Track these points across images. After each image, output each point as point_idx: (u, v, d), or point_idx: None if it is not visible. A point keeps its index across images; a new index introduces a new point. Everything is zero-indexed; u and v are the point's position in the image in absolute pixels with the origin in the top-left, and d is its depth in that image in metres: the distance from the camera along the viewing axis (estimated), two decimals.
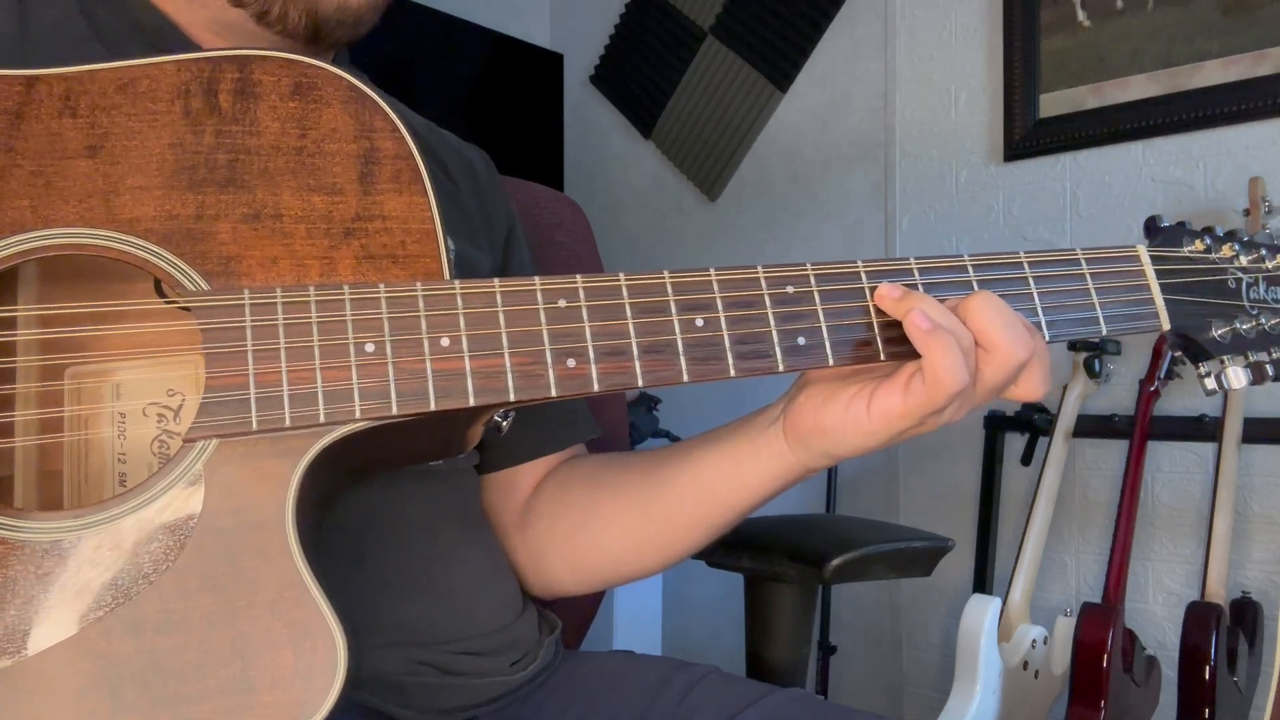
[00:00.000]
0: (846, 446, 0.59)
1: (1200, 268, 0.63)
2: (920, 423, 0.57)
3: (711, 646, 2.42)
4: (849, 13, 2.32)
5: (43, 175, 0.48)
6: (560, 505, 0.76)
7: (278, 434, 0.47)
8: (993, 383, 0.56)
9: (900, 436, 0.58)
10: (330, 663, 0.45)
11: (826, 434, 0.59)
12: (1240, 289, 0.63)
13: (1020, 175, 2.04)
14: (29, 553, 0.45)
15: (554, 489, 0.78)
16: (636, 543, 0.72)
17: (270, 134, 0.50)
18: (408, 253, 0.51)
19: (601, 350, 0.51)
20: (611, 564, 0.75)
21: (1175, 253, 0.63)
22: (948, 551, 1.01)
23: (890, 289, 0.56)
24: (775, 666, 0.96)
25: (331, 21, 0.65)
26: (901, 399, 0.55)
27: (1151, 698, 1.69)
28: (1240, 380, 0.62)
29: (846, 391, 0.58)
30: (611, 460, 0.78)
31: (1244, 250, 0.64)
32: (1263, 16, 1.74)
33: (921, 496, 2.16)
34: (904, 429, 0.57)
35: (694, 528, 0.70)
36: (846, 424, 0.58)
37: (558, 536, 0.76)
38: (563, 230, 1.02)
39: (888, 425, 0.57)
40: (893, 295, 0.56)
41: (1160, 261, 0.62)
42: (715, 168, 2.58)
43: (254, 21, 0.64)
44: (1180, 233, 0.64)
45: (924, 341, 0.54)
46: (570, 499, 0.76)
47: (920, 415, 0.56)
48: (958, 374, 0.53)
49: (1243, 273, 0.63)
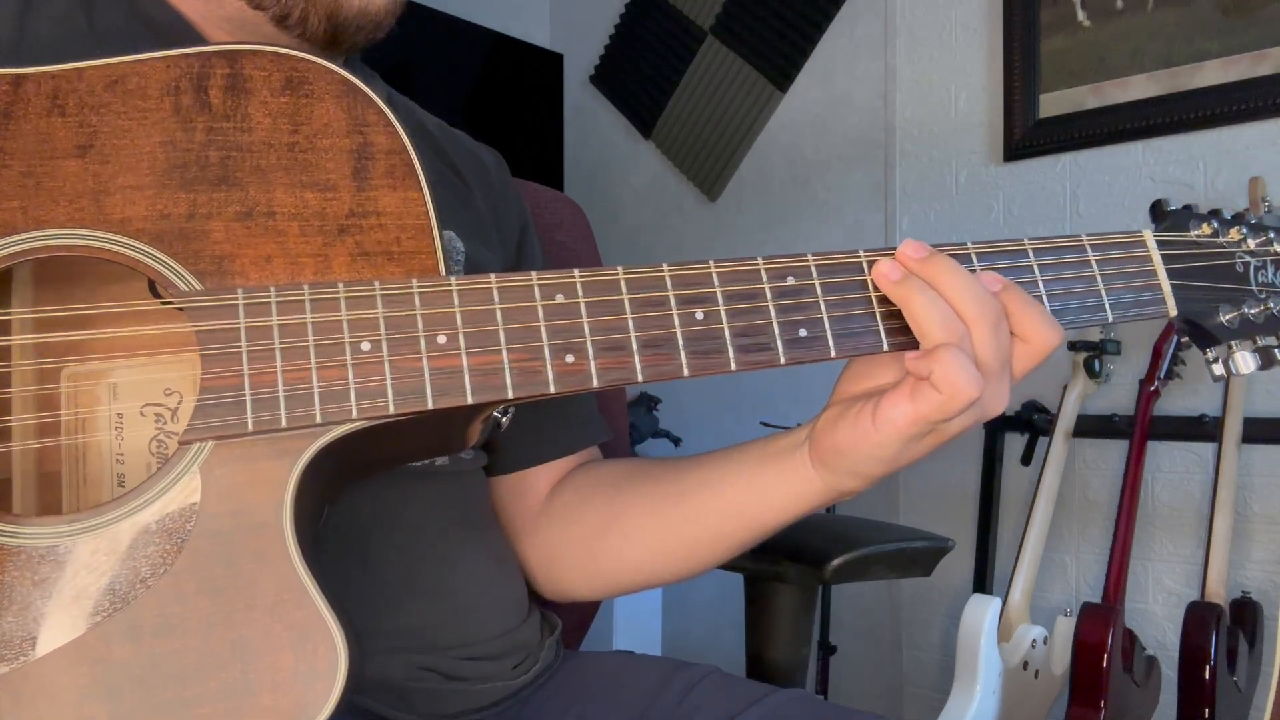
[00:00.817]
0: (866, 462, 0.58)
1: (1207, 252, 0.61)
2: (931, 432, 0.55)
3: (711, 646, 2.41)
4: (849, 13, 2.32)
5: (32, 176, 0.47)
6: (578, 511, 0.75)
7: (274, 435, 0.47)
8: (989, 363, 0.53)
9: (913, 448, 0.56)
10: (331, 665, 0.45)
11: (843, 452, 0.58)
12: (1248, 273, 0.62)
13: (1020, 175, 2.04)
14: (25, 558, 0.44)
15: (571, 494, 0.77)
16: (656, 554, 0.71)
17: (262, 130, 0.50)
18: (403, 249, 0.50)
19: (600, 345, 0.51)
20: (629, 573, 0.74)
21: (1182, 237, 0.61)
22: (948, 551, 1.01)
23: (891, 268, 0.54)
24: (775, 666, 0.96)
25: (351, 26, 0.64)
26: (910, 407, 0.54)
27: (1151, 698, 1.69)
28: (1248, 365, 0.61)
29: (856, 406, 0.57)
30: (634, 468, 0.76)
31: (1252, 233, 0.62)
32: (1263, 16, 1.74)
33: (921, 496, 2.15)
34: (914, 436, 0.55)
35: (717, 542, 0.69)
36: (856, 438, 0.57)
37: (573, 542, 0.75)
38: (563, 230, 1.02)
39: (898, 434, 0.55)
40: (891, 276, 0.54)
41: (1166, 246, 0.60)
42: (715, 168, 2.58)
43: (273, 24, 0.63)
44: (1187, 216, 0.62)
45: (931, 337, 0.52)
46: (589, 505, 0.75)
47: (931, 422, 0.54)
48: (971, 379, 0.51)
49: (1251, 256, 0.62)
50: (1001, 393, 0.55)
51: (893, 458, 0.57)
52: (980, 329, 0.53)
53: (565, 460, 0.79)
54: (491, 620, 0.71)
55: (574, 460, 0.80)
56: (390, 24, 0.67)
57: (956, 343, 0.52)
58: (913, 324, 0.53)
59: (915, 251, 0.54)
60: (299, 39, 0.63)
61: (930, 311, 0.52)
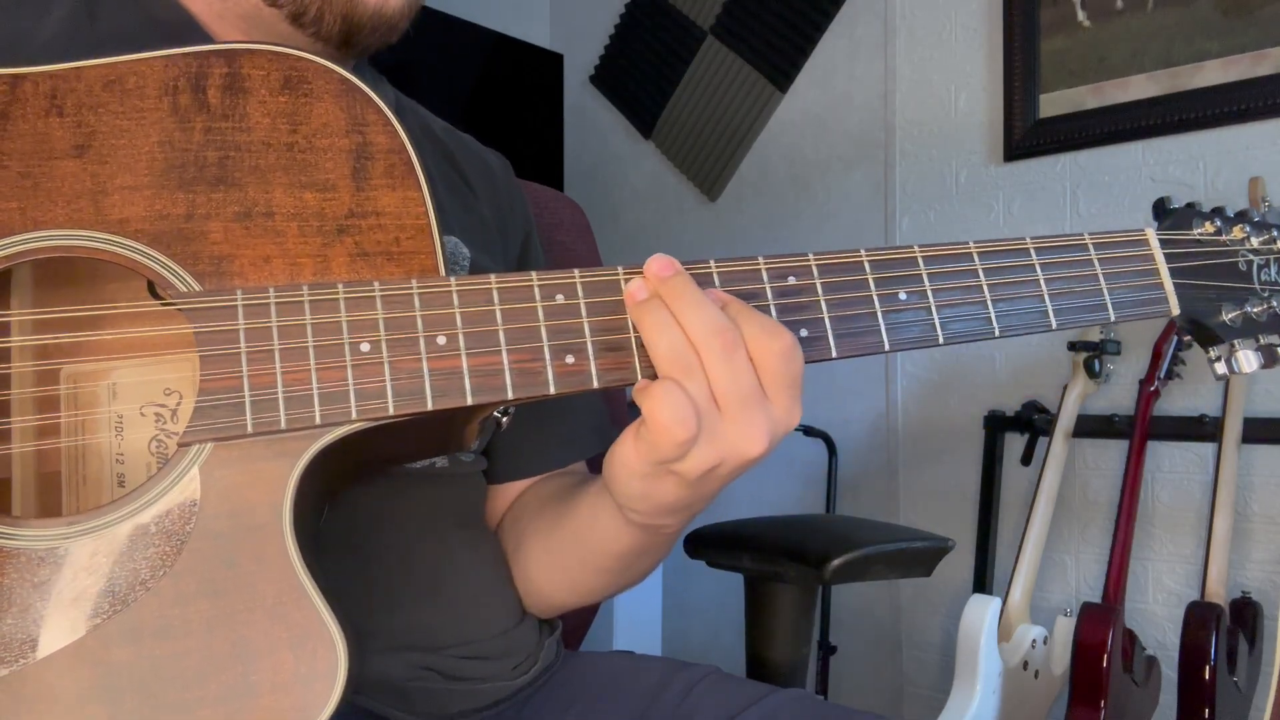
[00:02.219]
0: (626, 498, 0.55)
1: (1210, 250, 0.61)
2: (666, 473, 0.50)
3: (711, 646, 2.41)
4: (849, 13, 2.32)
5: (30, 176, 0.47)
6: (506, 531, 0.76)
7: (274, 436, 0.47)
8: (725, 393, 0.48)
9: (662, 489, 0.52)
10: (331, 666, 0.45)
11: (609, 484, 0.55)
12: (1251, 271, 0.61)
13: (1020, 175, 2.04)
14: (24, 561, 0.44)
15: (511, 512, 0.77)
16: (549, 578, 0.71)
17: (260, 130, 0.50)
18: (402, 249, 0.50)
19: (600, 345, 0.50)
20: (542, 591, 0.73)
21: (1185, 235, 0.61)
22: (948, 551, 1.01)
23: (638, 288, 0.50)
24: (775, 666, 0.96)
25: (365, 27, 0.63)
26: (632, 446, 0.50)
27: (1151, 698, 1.68)
28: (1251, 364, 0.61)
29: None
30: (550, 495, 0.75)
31: (1255, 231, 0.62)
32: (1263, 16, 1.74)
33: (921, 496, 2.15)
34: (645, 476, 0.51)
35: (582, 568, 0.68)
36: (609, 469, 0.54)
37: (514, 558, 0.74)
38: (563, 230, 1.02)
39: (628, 472, 0.52)
40: (636, 297, 0.50)
41: (1169, 245, 0.60)
42: (715, 168, 2.57)
43: (288, 22, 0.63)
44: (1190, 214, 0.62)
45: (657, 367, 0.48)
46: (513, 528, 0.75)
47: (654, 463, 0.50)
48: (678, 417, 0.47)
49: (1254, 254, 0.61)
50: (753, 427, 0.49)
51: (641, 495, 0.53)
52: (709, 357, 0.48)
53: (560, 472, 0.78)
54: (491, 620, 0.71)
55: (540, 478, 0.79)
56: (404, 26, 0.66)
57: (679, 376, 0.48)
58: (647, 349, 0.49)
59: (660, 269, 0.50)
60: (313, 38, 0.63)
61: (658, 339, 0.48)
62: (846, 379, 2.22)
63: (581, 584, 0.71)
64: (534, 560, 0.72)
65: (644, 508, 0.55)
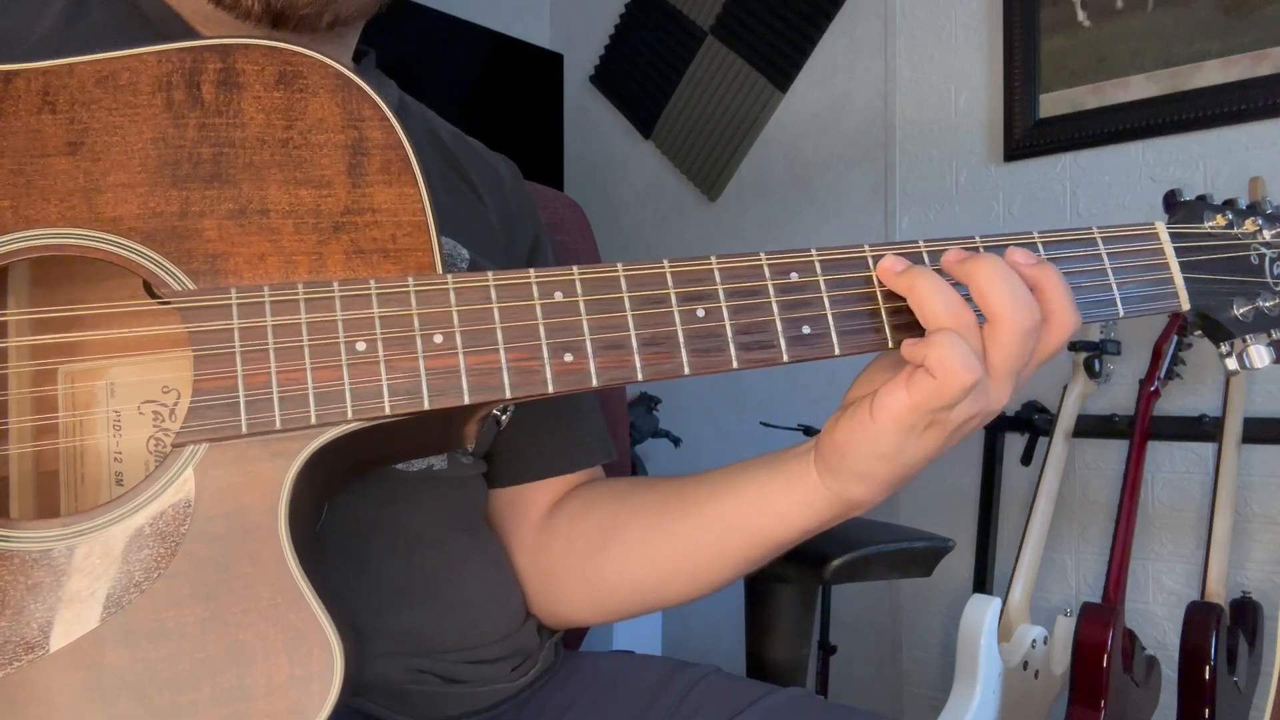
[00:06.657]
0: (866, 459, 0.56)
1: (1222, 244, 0.60)
2: (931, 423, 0.53)
3: (711, 646, 2.41)
4: (849, 13, 2.32)
5: (23, 174, 0.47)
6: (579, 526, 0.73)
7: (269, 436, 0.46)
8: (1002, 362, 0.53)
9: (915, 443, 0.54)
10: (326, 669, 0.45)
11: (843, 450, 0.56)
12: (1264, 265, 0.60)
13: (1020, 175, 2.03)
14: (18, 563, 0.44)
15: (573, 509, 0.75)
16: (660, 569, 0.69)
17: (255, 126, 0.49)
18: (399, 246, 0.49)
19: (600, 344, 0.50)
20: (631, 590, 0.71)
21: (1196, 229, 0.60)
22: (948, 551, 1.00)
23: (894, 261, 0.53)
24: (775, 666, 0.96)
25: (300, 2, 0.61)
26: (906, 394, 0.52)
27: (1151, 698, 1.68)
28: (1263, 359, 0.60)
29: (857, 403, 0.56)
30: (636, 482, 0.75)
31: (1267, 224, 0.60)
32: (1263, 16, 1.73)
33: (921, 496, 2.15)
34: (911, 427, 0.53)
35: (722, 558, 0.67)
36: (854, 431, 0.55)
37: (574, 558, 0.72)
38: (563, 230, 1.02)
39: (895, 423, 0.53)
40: (895, 268, 0.53)
41: (1180, 239, 0.59)
42: (715, 168, 2.57)
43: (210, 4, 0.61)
44: (1201, 207, 0.60)
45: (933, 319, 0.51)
46: (590, 516, 0.73)
47: (928, 410, 0.52)
48: (967, 363, 0.50)
49: (1266, 248, 0.60)
50: (1006, 389, 0.54)
51: (893, 453, 0.55)
52: (1010, 331, 0.52)
53: (567, 478, 0.77)
54: (491, 624, 0.71)
55: (577, 478, 0.78)
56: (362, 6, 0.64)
57: (959, 329, 0.51)
58: (917, 311, 0.52)
59: (894, 264, 0.53)
60: (242, 20, 0.61)
61: (936, 296, 0.51)
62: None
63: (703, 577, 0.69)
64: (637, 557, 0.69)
65: (883, 470, 0.56)
